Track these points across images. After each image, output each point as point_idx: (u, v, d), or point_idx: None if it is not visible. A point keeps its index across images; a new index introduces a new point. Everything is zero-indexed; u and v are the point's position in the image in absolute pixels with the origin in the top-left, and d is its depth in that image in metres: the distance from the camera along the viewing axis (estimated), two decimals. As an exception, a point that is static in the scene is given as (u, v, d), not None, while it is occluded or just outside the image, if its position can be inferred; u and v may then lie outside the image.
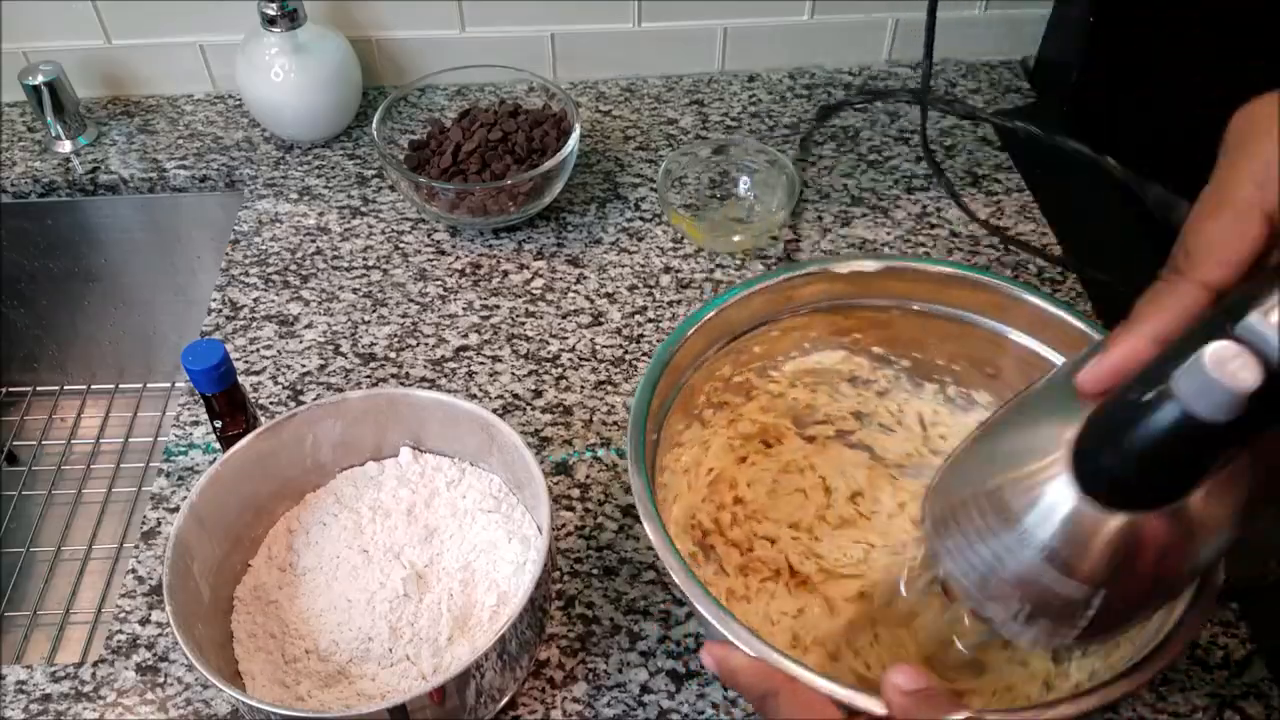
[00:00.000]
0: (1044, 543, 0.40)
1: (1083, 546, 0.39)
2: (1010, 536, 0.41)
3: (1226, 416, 0.32)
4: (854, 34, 1.02)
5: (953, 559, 0.44)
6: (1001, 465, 0.42)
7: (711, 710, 0.60)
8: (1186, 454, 0.35)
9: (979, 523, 0.42)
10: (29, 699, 0.61)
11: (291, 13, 0.88)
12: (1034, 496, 0.40)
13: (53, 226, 0.97)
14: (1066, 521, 0.39)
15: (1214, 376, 0.31)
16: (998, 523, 0.41)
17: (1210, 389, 0.32)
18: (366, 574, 0.60)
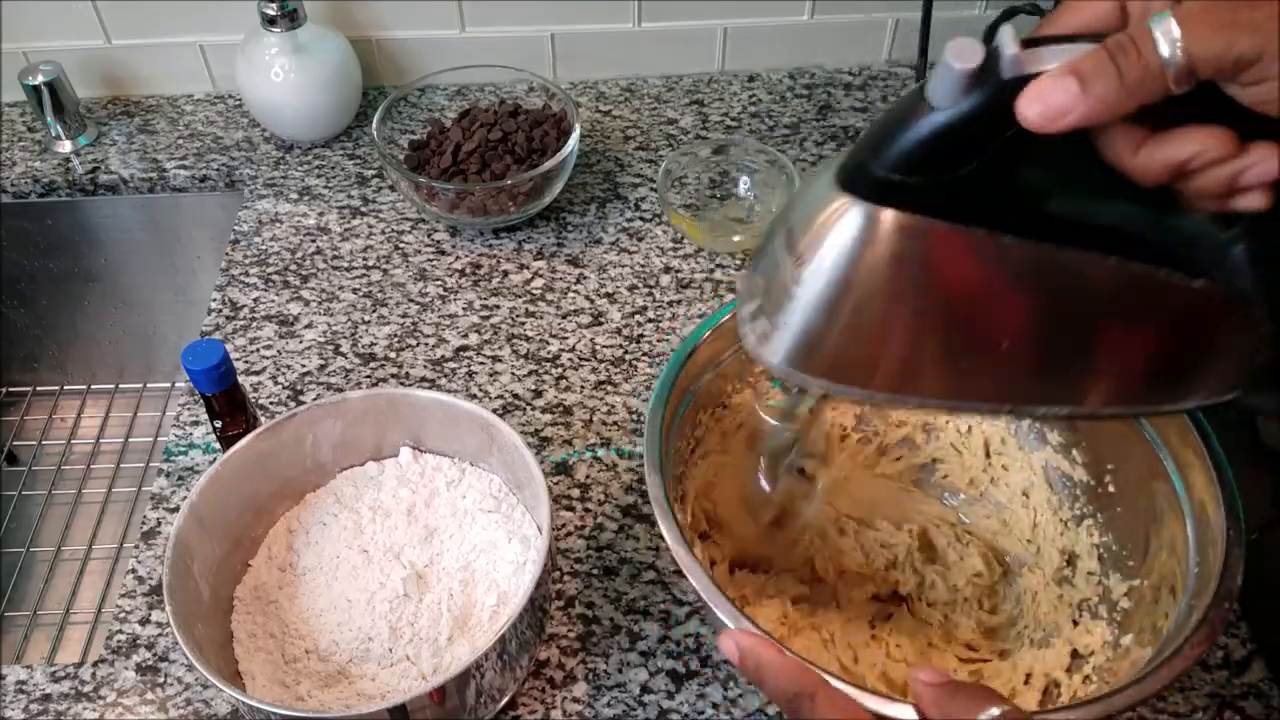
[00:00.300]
0: (791, 227, 0.40)
1: (808, 220, 0.39)
2: (772, 235, 0.42)
3: (949, 99, 0.36)
4: (854, 34, 1.02)
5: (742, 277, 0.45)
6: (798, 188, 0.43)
7: (711, 710, 0.60)
8: (914, 137, 0.37)
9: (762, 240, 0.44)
10: (29, 699, 0.61)
11: (291, 13, 0.88)
12: (799, 195, 0.41)
13: (53, 226, 0.97)
14: (806, 201, 0.40)
15: (945, 57, 0.35)
16: (773, 229, 0.42)
17: (941, 70, 0.36)
18: (366, 574, 0.60)
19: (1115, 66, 0.35)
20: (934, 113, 0.36)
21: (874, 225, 0.38)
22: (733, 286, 0.83)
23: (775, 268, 0.41)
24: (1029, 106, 0.35)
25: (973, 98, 0.36)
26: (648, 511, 0.69)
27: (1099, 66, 0.35)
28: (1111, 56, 0.35)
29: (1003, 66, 0.36)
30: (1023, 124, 0.35)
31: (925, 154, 0.37)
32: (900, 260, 0.38)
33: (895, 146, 0.37)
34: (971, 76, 0.35)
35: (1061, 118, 0.35)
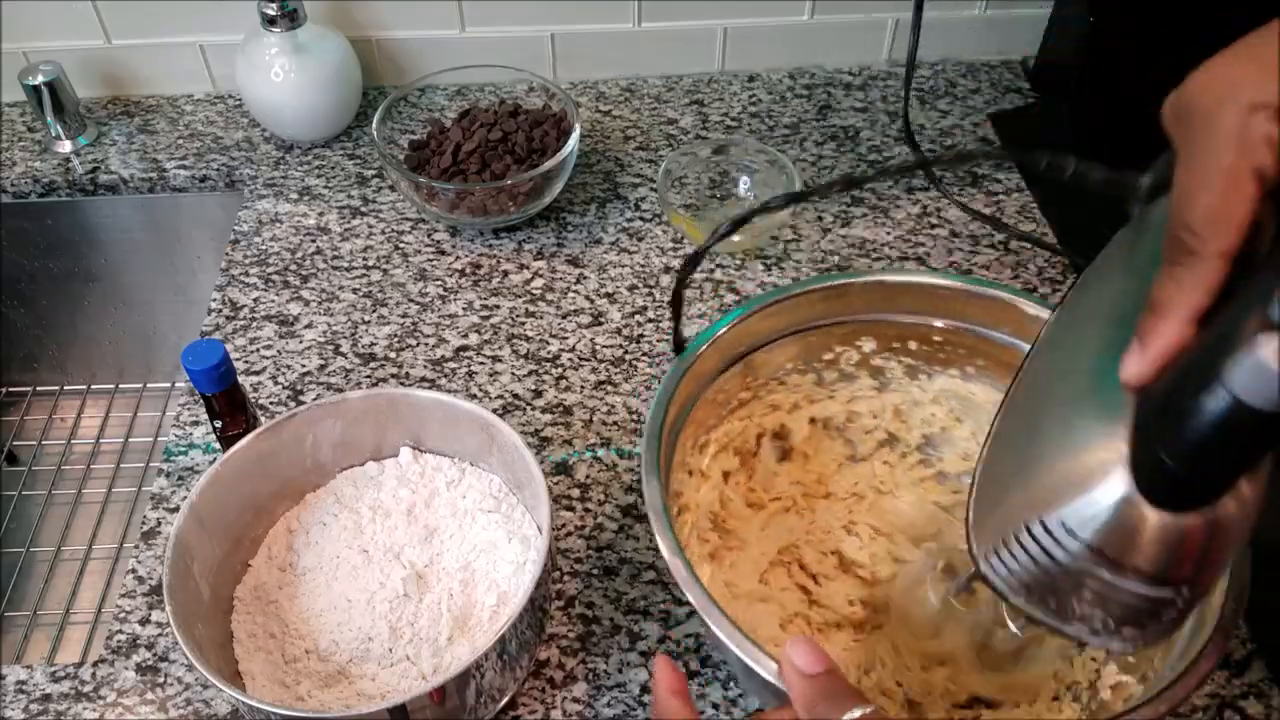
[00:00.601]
0: (1114, 556, 0.39)
1: (1133, 543, 0.38)
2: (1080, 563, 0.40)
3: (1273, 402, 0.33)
4: (854, 34, 1.02)
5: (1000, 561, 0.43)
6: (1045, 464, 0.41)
7: (712, 710, 0.60)
8: (1240, 445, 0.35)
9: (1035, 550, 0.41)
10: (29, 699, 0.61)
11: (291, 13, 0.88)
12: (1088, 495, 0.39)
13: (53, 226, 0.97)
14: (1137, 530, 0.38)
15: (1267, 365, 0.32)
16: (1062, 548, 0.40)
17: (1263, 378, 0.32)
18: (366, 574, 0.60)
19: None
20: (1250, 412, 0.33)
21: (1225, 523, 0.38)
22: (733, 287, 0.83)
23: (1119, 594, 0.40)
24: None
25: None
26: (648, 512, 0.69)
27: None
28: None
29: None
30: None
31: (1246, 452, 0.36)
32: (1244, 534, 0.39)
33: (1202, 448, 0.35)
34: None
35: None
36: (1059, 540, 0.40)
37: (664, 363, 0.78)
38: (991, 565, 0.43)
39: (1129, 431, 0.38)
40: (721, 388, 0.63)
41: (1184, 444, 0.36)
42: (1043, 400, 0.45)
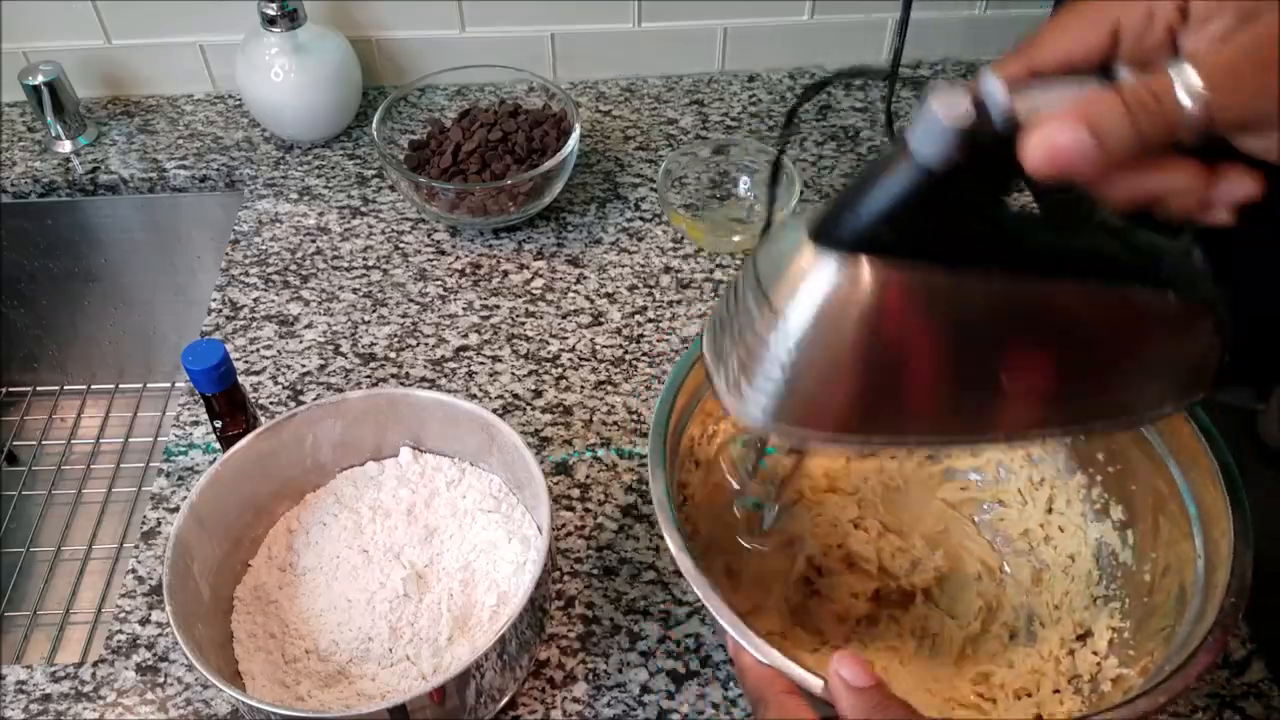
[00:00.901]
0: (762, 283, 0.39)
1: (783, 275, 0.38)
2: (742, 290, 0.41)
3: (937, 155, 0.34)
4: (854, 34, 1.02)
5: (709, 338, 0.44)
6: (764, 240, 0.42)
7: (711, 710, 0.60)
8: (900, 194, 0.36)
9: (727, 292, 0.43)
10: (29, 699, 0.61)
11: (291, 13, 0.88)
12: (771, 252, 0.40)
13: (53, 226, 0.97)
14: (780, 255, 0.39)
15: (931, 109, 0.34)
16: (741, 283, 0.41)
17: (928, 125, 0.34)
18: (366, 574, 0.60)
19: (1133, 121, 0.34)
20: (919, 169, 0.35)
21: (855, 276, 0.37)
22: (733, 286, 0.83)
23: (750, 325, 0.40)
24: (1036, 155, 0.34)
25: (962, 149, 0.34)
26: (648, 511, 0.69)
27: (1115, 118, 0.34)
28: (1129, 108, 0.34)
29: (994, 116, 0.34)
30: (1028, 170, 0.34)
31: (910, 208, 0.36)
32: (882, 308, 0.38)
33: (876, 200, 0.36)
34: (963, 130, 0.34)
35: (1071, 168, 0.34)
36: (743, 279, 0.41)
37: (664, 363, 0.78)
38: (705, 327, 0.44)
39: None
40: None
41: (857, 192, 0.37)
42: None
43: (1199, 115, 0.33)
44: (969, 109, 0.34)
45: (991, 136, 0.34)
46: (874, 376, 0.40)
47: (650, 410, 0.75)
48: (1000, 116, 0.34)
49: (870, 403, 0.40)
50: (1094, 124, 0.34)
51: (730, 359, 0.41)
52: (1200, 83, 0.33)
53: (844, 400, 0.40)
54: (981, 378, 0.41)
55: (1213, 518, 0.52)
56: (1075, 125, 0.34)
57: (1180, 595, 0.52)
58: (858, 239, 0.37)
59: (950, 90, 0.34)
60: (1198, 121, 0.34)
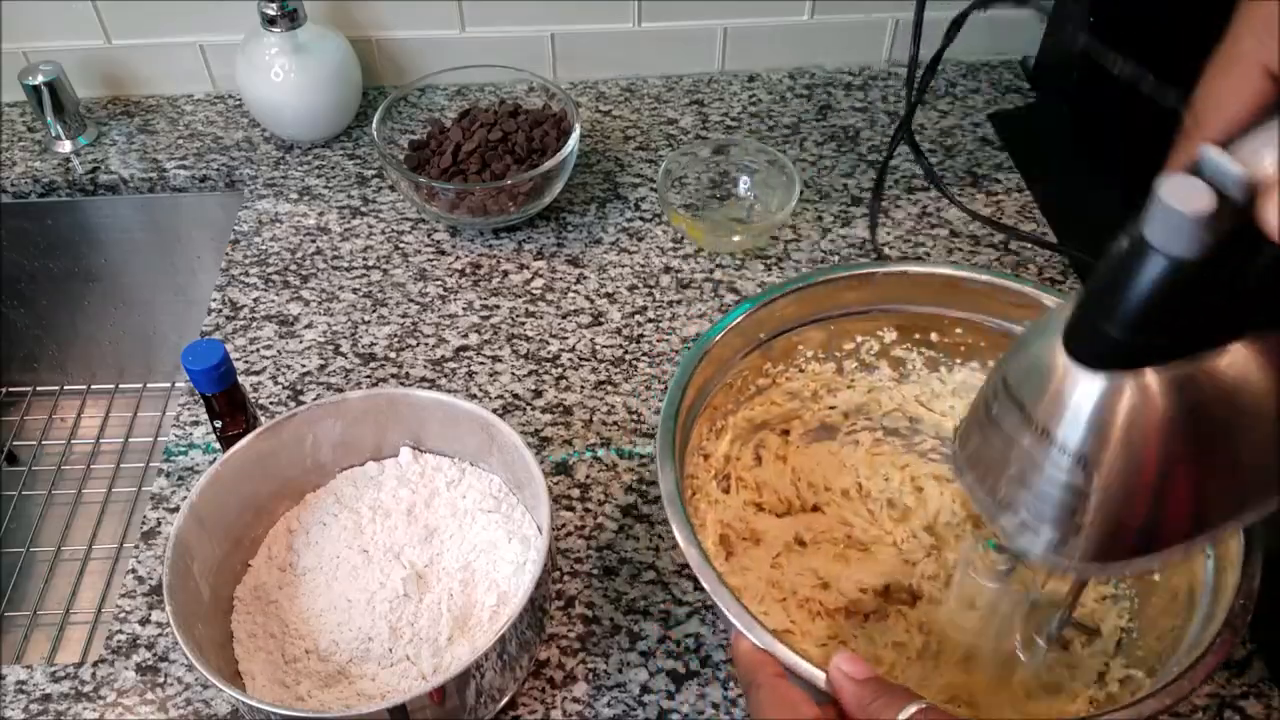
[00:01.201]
0: (1037, 419, 0.37)
1: (1068, 411, 0.36)
2: (1010, 429, 0.38)
3: (1190, 248, 0.32)
4: (854, 34, 1.02)
5: (970, 466, 0.41)
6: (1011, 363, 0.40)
7: (711, 710, 0.60)
8: (1160, 296, 0.34)
9: (984, 419, 0.40)
10: (29, 699, 0.61)
11: (291, 13, 0.88)
12: (1030, 375, 0.38)
13: (53, 226, 0.97)
14: (1054, 388, 0.37)
15: (1169, 204, 0.31)
16: (1003, 420, 0.39)
17: (1169, 220, 0.32)
18: (366, 574, 0.60)
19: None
20: (1168, 261, 0.33)
21: (1143, 392, 0.35)
22: (733, 286, 0.83)
23: (1038, 470, 0.38)
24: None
25: (1211, 235, 0.32)
26: (648, 511, 0.69)
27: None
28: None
29: (1229, 188, 0.32)
30: (1272, 237, 0.32)
31: (1174, 306, 0.34)
32: (1180, 415, 0.35)
33: (1133, 304, 0.34)
34: (1210, 220, 0.32)
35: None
36: (996, 395, 0.39)
37: (664, 363, 0.78)
38: (957, 444, 0.42)
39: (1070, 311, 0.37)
40: (740, 372, 0.64)
41: (1109, 302, 0.35)
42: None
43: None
44: (1208, 194, 0.32)
45: (1235, 213, 0.32)
46: (1176, 490, 0.37)
47: (650, 410, 0.75)
48: (1238, 189, 0.32)
49: (1169, 517, 0.38)
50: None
51: (1018, 510, 0.39)
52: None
53: (1159, 517, 0.38)
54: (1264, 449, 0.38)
55: None
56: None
57: (1189, 596, 0.52)
58: (1127, 351, 0.35)
59: (1181, 180, 0.32)
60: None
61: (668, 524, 0.68)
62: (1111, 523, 0.37)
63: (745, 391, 0.65)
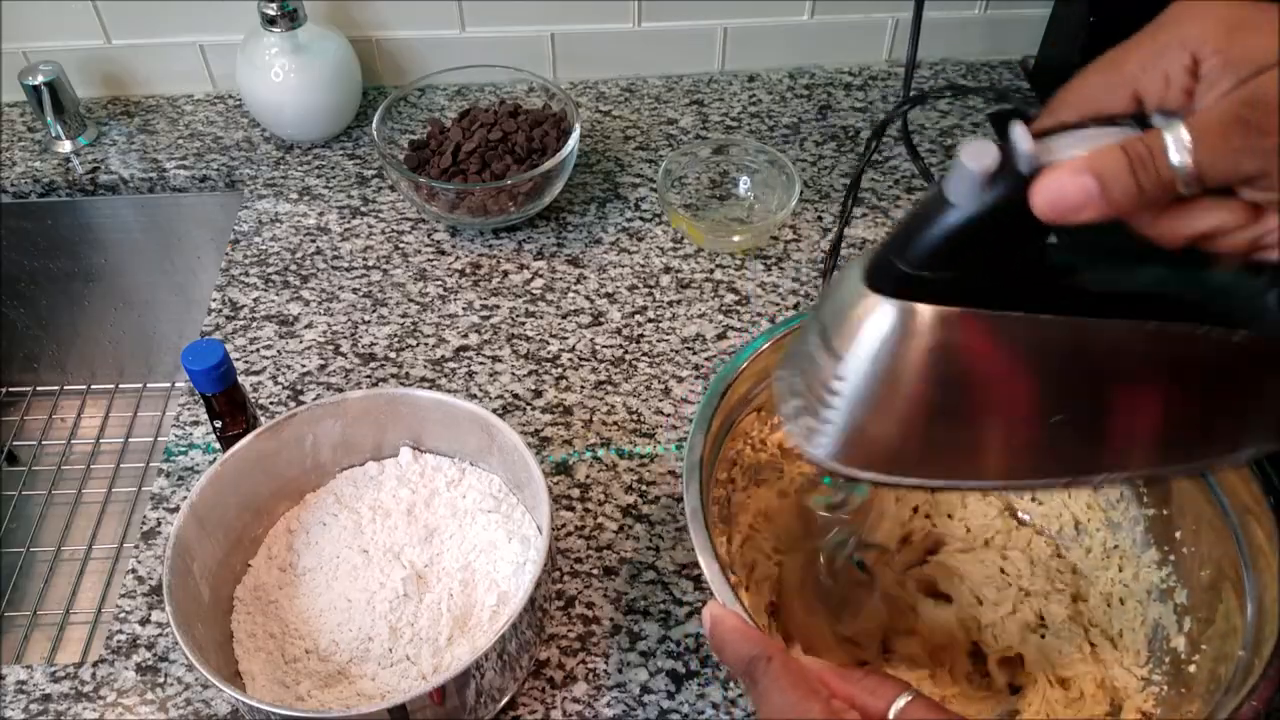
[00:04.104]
0: (822, 324, 0.42)
1: (843, 320, 0.40)
2: (808, 333, 0.43)
3: (969, 200, 0.37)
4: (854, 34, 1.02)
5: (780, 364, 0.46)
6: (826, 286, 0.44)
7: (711, 710, 0.60)
8: (939, 238, 0.38)
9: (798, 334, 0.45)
10: (29, 699, 0.61)
11: (291, 13, 0.88)
12: (832, 295, 0.42)
13: (53, 226, 0.97)
14: (840, 300, 0.41)
15: (960, 159, 0.36)
16: (806, 327, 0.44)
17: (959, 173, 0.36)
18: (366, 574, 0.60)
19: (1133, 172, 0.35)
20: (953, 211, 0.37)
21: (908, 320, 0.39)
22: (733, 286, 0.83)
23: (813, 365, 0.42)
24: (1043, 200, 0.36)
25: (991, 195, 0.37)
26: (648, 511, 0.69)
27: (1117, 171, 0.35)
28: (1129, 163, 0.35)
29: (1019, 162, 0.36)
30: (1035, 214, 0.36)
31: (950, 251, 0.38)
32: (938, 352, 0.39)
33: (920, 244, 0.38)
34: (988, 175, 0.36)
35: (1076, 213, 0.36)
36: (810, 322, 0.44)
37: (664, 363, 0.78)
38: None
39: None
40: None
41: (902, 239, 0.39)
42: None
43: (1190, 171, 0.35)
44: (995, 158, 0.36)
45: (1018, 180, 0.36)
46: (927, 417, 0.41)
47: (650, 410, 0.75)
48: (1026, 164, 0.36)
49: (924, 444, 0.42)
50: (1098, 173, 0.35)
51: (797, 397, 0.43)
52: (1189, 140, 0.35)
53: (898, 441, 0.41)
54: (1039, 419, 0.41)
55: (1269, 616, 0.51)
56: (1080, 173, 0.36)
57: (1216, 682, 0.51)
58: (911, 284, 0.39)
59: (980, 142, 0.36)
60: (1190, 177, 0.35)
61: (668, 524, 0.68)
62: (858, 426, 0.41)
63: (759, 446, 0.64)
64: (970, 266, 0.38)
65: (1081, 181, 0.35)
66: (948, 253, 0.38)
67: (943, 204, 0.38)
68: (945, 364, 0.39)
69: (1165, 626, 0.57)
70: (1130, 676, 0.58)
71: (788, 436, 0.44)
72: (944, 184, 0.38)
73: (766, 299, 0.82)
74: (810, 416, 0.42)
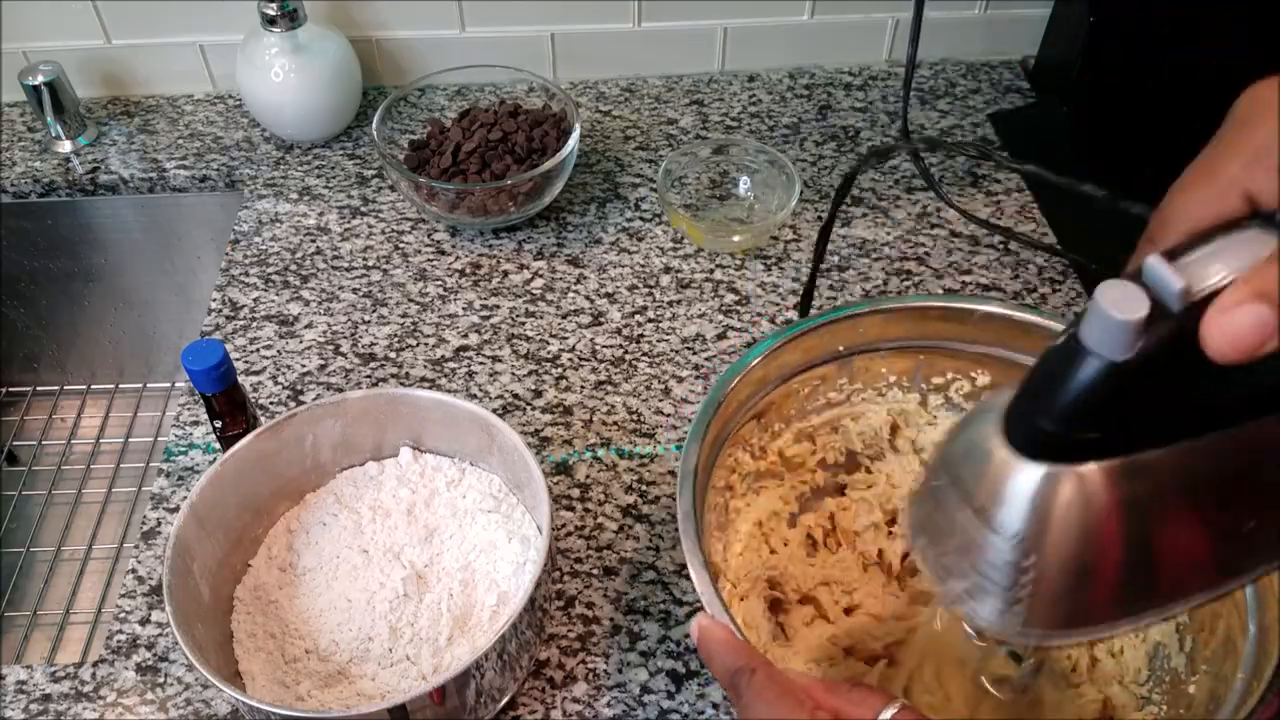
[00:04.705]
0: (977, 499, 0.39)
1: (1006, 497, 0.38)
2: (953, 505, 0.40)
3: (1122, 352, 0.33)
4: (854, 34, 1.02)
5: (919, 532, 0.43)
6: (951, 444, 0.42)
7: (711, 710, 0.60)
8: (1092, 396, 0.35)
9: (929, 491, 0.42)
10: (29, 699, 0.61)
11: (291, 13, 0.88)
12: (968, 457, 0.40)
13: (53, 226, 0.97)
14: (992, 473, 0.38)
15: (1103, 308, 0.33)
16: (946, 496, 0.41)
17: (1104, 324, 0.33)
18: (366, 574, 0.60)
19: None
20: (1102, 362, 0.34)
21: (1075, 485, 0.36)
22: (733, 286, 0.83)
23: (979, 545, 0.39)
24: (1223, 342, 0.32)
25: (1146, 342, 0.33)
26: (648, 511, 0.69)
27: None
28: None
29: (1169, 301, 0.33)
30: (1217, 359, 0.32)
31: (1104, 406, 0.35)
32: (1114, 507, 0.37)
33: (1066, 400, 0.35)
34: (1144, 327, 0.33)
35: (1259, 348, 0.31)
36: (937, 472, 0.41)
37: (664, 363, 0.78)
38: (909, 509, 0.44)
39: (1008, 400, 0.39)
40: (810, 380, 0.62)
41: (1045, 397, 0.36)
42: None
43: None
44: (1144, 303, 0.32)
45: (1175, 322, 0.33)
46: (1122, 572, 0.39)
47: (650, 410, 0.75)
48: (1175, 300, 0.33)
49: (1118, 593, 0.40)
50: (1269, 295, 0.31)
51: (962, 578, 0.41)
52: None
53: (1094, 601, 0.40)
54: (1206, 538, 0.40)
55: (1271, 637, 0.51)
56: (1253, 305, 0.31)
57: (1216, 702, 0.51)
58: (1059, 441, 0.36)
59: (1120, 286, 0.33)
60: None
61: (668, 524, 0.68)
62: (1048, 598, 0.39)
63: (813, 400, 0.63)
64: (1126, 419, 0.36)
65: (1256, 313, 0.31)
66: (1101, 409, 0.35)
67: (1085, 356, 0.34)
68: (1128, 517, 0.37)
69: (1166, 645, 0.57)
70: (1129, 695, 0.57)
71: (970, 619, 0.42)
72: (1081, 333, 0.34)
73: (766, 299, 0.82)
74: (989, 597, 0.40)
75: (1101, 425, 0.36)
